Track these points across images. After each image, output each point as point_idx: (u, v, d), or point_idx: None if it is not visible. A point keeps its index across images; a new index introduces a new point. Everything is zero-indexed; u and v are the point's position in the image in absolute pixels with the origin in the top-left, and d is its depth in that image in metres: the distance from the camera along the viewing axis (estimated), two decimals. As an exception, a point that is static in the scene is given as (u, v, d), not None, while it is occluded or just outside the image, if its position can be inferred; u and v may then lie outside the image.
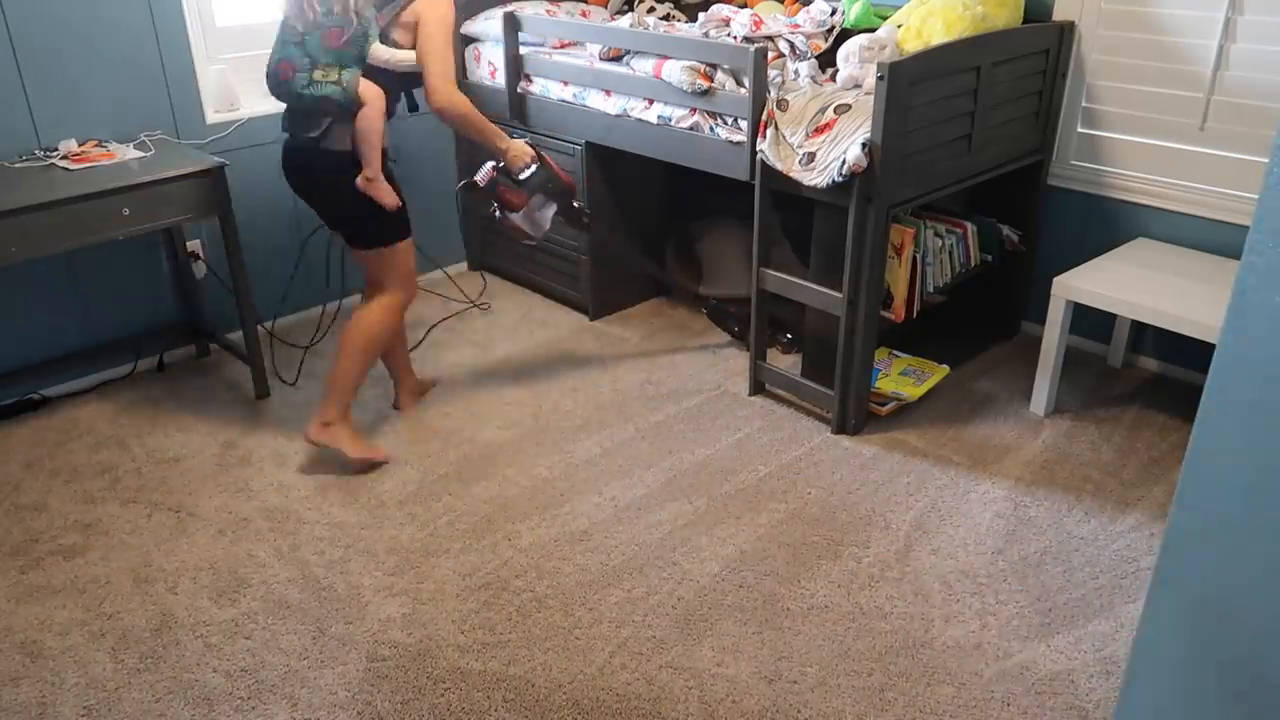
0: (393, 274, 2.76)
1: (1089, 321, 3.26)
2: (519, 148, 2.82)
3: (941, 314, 3.48)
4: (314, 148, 2.58)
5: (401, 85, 2.72)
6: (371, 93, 2.55)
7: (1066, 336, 2.90)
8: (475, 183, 2.82)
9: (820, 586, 2.31)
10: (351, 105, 2.54)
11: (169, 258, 3.34)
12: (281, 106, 2.67)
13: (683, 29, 3.37)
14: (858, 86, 2.77)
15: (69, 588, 2.34)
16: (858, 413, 2.91)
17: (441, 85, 2.58)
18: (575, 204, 3.01)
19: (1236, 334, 0.97)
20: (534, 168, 2.84)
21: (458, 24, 3.72)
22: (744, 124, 2.82)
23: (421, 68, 2.58)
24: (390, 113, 2.65)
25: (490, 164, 2.81)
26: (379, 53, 2.59)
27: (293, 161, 2.68)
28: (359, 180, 2.58)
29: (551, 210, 2.94)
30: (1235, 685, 1.08)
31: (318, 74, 2.52)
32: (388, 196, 2.63)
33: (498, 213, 2.89)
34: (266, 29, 3.57)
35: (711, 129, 2.94)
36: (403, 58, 2.61)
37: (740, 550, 2.43)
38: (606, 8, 3.80)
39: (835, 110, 2.63)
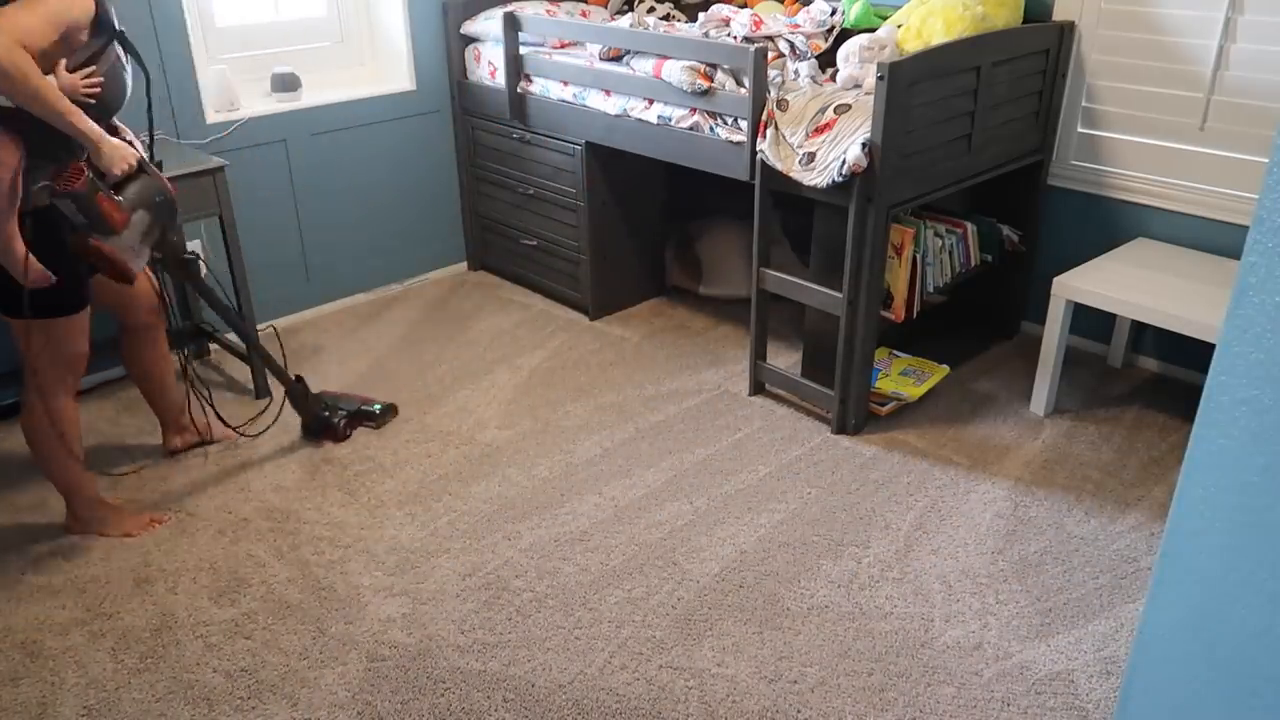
0: (46, 354, 2.27)
1: (1089, 321, 3.26)
2: (119, 147, 2.18)
3: (941, 314, 3.48)
4: None
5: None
6: None
7: (1066, 336, 2.90)
8: (55, 187, 2.08)
9: (820, 586, 2.31)
10: None
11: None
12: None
13: (683, 29, 3.37)
14: (858, 86, 2.77)
15: (69, 588, 2.34)
16: (858, 413, 2.91)
17: None
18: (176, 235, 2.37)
19: (1236, 334, 0.97)
20: (140, 178, 2.22)
21: (457, 24, 3.73)
22: (744, 124, 2.82)
23: None
24: (48, 155, 2.12)
25: (80, 161, 2.12)
26: None
27: None
28: None
29: (154, 237, 2.30)
30: (1235, 685, 1.08)
31: None
32: (25, 269, 2.08)
33: (84, 236, 2.15)
34: (266, 29, 3.58)
35: (711, 129, 2.94)
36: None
37: (740, 550, 2.43)
38: (606, 8, 3.80)
39: (835, 110, 2.63)
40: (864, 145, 2.51)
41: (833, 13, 3.09)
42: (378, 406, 3.01)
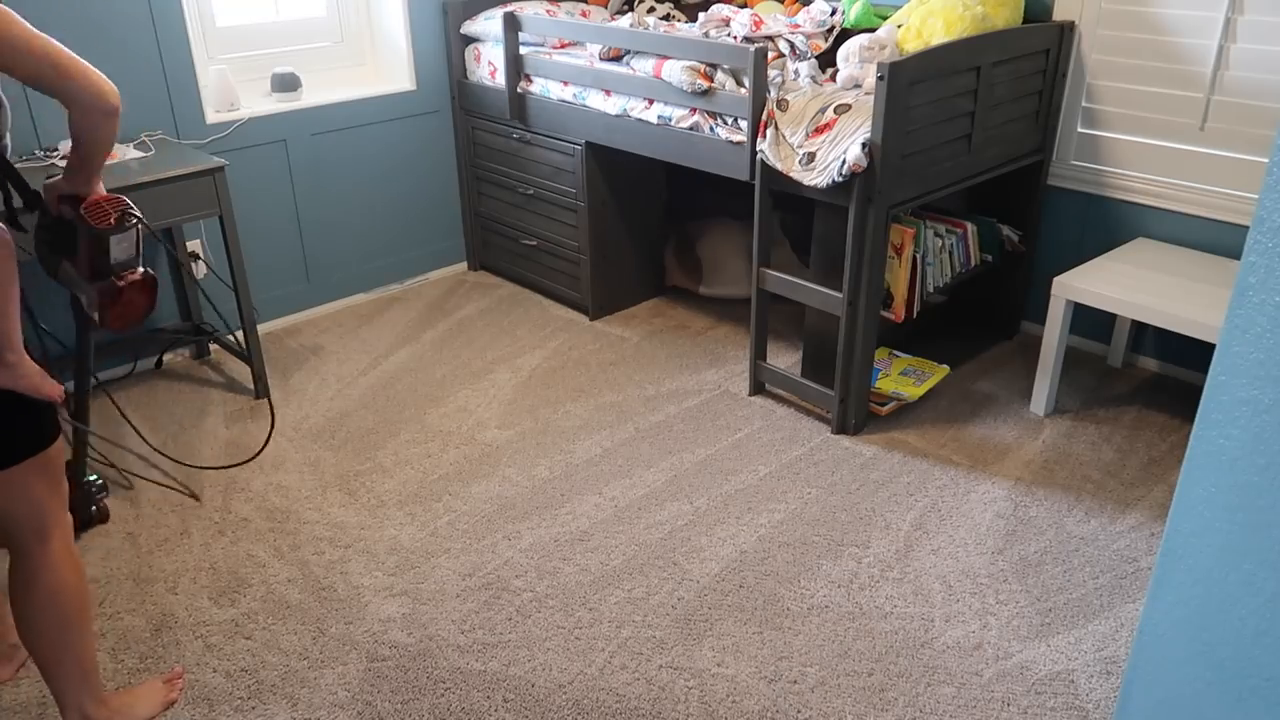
0: (53, 491, 1.75)
1: (1089, 321, 3.26)
2: None
3: (941, 314, 3.48)
4: None
5: None
6: None
7: (1066, 336, 2.89)
8: (116, 224, 1.83)
9: (820, 586, 2.31)
10: None
11: (169, 258, 3.34)
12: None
13: (683, 29, 3.37)
14: (858, 86, 2.77)
15: (69, 588, 2.34)
16: (858, 413, 2.91)
17: (98, 75, 1.64)
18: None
19: (1236, 334, 0.97)
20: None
21: (457, 24, 3.73)
22: (744, 124, 2.82)
23: (44, 78, 1.59)
24: None
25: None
26: None
27: None
28: None
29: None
30: (1235, 685, 1.08)
31: None
32: (47, 382, 1.68)
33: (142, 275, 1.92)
34: (266, 29, 3.58)
35: (711, 129, 2.94)
36: None
37: (740, 550, 2.43)
38: (606, 8, 3.80)
39: (835, 110, 2.63)
40: (864, 145, 2.51)
41: (833, 13, 3.09)
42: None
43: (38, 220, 1.91)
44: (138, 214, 1.89)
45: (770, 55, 2.88)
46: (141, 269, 1.98)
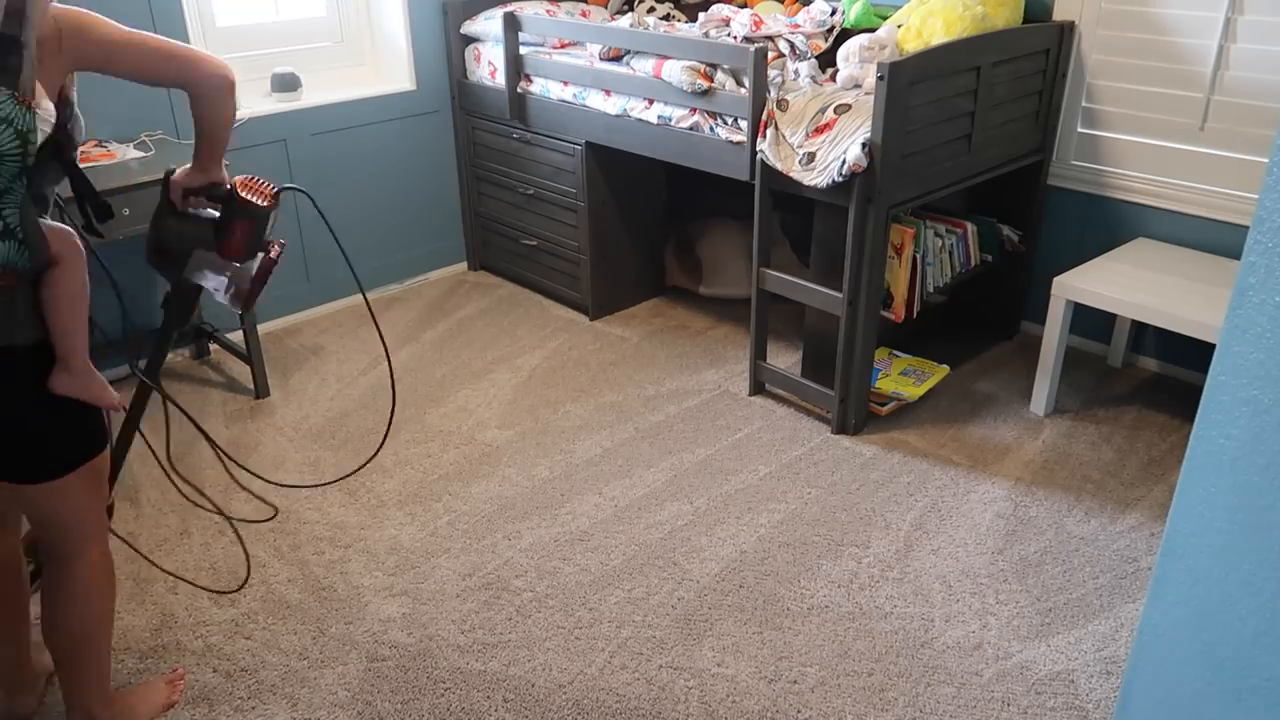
0: (97, 499, 1.74)
1: (1089, 321, 3.26)
2: None
3: (941, 314, 3.48)
4: None
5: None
6: (65, 240, 1.57)
7: (1066, 336, 2.90)
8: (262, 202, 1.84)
9: (820, 586, 2.31)
10: (37, 266, 1.54)
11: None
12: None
13: (683, 29, 3.37)
14: (858, 86, 2.77)
15: (69, 588, 2.33)
16: (858, 413, 2.91)
17: (209, 54, 1.70)
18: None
19: (1236, 334, 0.97)
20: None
21: (457, 24, 3.73)
22: (744, 124, 2.82)
23: (162, 72, 1.67)
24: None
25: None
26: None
27: None
28: (55, 382, 1.61)
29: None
30: (1235, 685, 1.08)
31: None
32: (108, 392, 1.68)
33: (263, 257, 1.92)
34: (266, 29, 3.58)
35: (711, 129, 2.94)
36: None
37: (740, 550, 2.43)
38: (606, 8, 3.80)
39: (835, 110, 2.63)
40: (864, 145, 2.51)
41: (833, 13, 3.09)
42: None
43: (158, 222, 1.92)
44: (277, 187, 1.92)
45: (770, 55, 2.88)
46: (278, 240, 2.02)
